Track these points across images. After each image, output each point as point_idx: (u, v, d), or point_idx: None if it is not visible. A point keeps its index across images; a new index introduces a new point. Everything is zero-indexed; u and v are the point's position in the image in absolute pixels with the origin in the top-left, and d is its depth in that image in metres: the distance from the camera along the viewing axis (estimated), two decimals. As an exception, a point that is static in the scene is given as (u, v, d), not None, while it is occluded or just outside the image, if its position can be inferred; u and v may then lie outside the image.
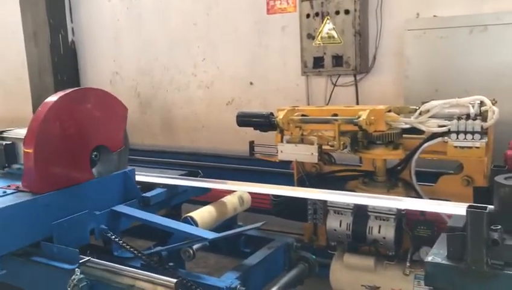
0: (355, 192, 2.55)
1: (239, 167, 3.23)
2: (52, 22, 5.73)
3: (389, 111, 2.62)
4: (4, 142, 2.42)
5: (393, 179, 2.65)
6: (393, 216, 2.39)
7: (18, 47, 5.96)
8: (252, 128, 2.95)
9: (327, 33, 3.95)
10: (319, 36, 3.98)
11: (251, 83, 4.78)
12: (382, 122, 2.51)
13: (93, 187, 2.30)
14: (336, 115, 2.62)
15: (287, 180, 2.94)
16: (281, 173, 3.14)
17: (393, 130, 2.56)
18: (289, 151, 2.69)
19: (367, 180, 2.69)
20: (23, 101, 6.06)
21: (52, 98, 2.21)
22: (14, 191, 2.16)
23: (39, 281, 2.06)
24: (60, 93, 2.24)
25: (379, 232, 2.41)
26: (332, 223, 2.53)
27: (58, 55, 5.81)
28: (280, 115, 2.69)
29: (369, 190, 2.57)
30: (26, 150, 2.14)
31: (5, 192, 2.15)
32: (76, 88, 2.31)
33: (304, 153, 2.63)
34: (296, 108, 2.81)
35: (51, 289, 2.03)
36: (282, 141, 2.72)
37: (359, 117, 2.44)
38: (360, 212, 2.47)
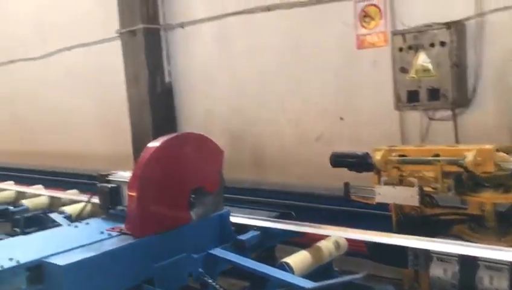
0: (461, 238, 2.37)
1: (333, 207, 3.14)
2: (151, 66, 6.09)
3: (497, 150, 2.43)
4: (110, 185, 2.55)
5: (506, 225, 2.43)
6: (508, 266, 2.17)
7: (121, 89, 6.39)
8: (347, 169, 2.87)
9: (422, 66, 3.80)
10: (413, 69, 3.84)
11: (341, 118, 4.71)
12: (490, 163, 2.33)
13: (191, 230, 2.35)
14: (437, 155, 2.47)
15: (385, 223, 2.82)
16: (378, 215, 3.01)
17: (504, 171, 2.36)
18: (387, 194, 2.59)
19: (474, 225, 2.49)
20: (125, 138, 6.44)
21: (154, 144, 2.31)
22: (118, 233, 2.26)
23: (141, 322, 2.11)
24: (161, 139, 2.34)
25: (491, 283, 2.20)
26: (436, 271, 2.36)
27: (155, 95, 6.15)
28: (377, 156, 2.60)
29: (477, 237, 2.38)
30: (130, 194, 2.24)
31: (110, 234, 2.26)
32: (176, 133, 2.41)
33: (404, 196, 2.51)
34: (394, 148, 2.70)
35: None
36: (379, 183, 2.62)
37: (465, 158, 2.28)
38: (468, 261, 2.27)
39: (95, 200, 2.75)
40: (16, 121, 8.75)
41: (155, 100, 6.09)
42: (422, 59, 3.74)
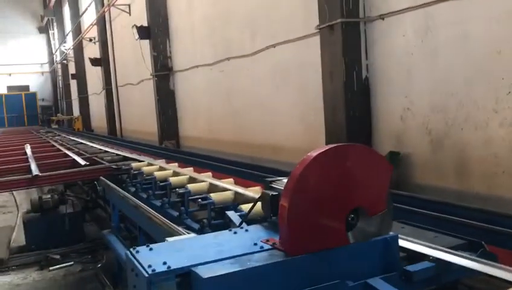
0: None
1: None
2: (348, 61, 5.88)
3: None
4: (271, 193, 2.45)
5: None
6: None
7: (318, 84, 6.35)
8: None
9: None
10: None
11: None
12: None
13: (347, 254, 2.09)
14: None
15: None
16: None
17: None
18: None
19: None
20: (321, 133, 6.39)
21: (312, 154, 2.11)
22: (270, 247, 2.14)
23: None
24: (320, 149, 2.13)
25: None
26: None
27: (351, 92, 5.91)
28: None
29: None
30: (282, 204, 2.09)
31: (262, 247, 2.15)
32: (339, 144, 2.16)
33: None
34: None
35: None
36: None
37: None
38: None
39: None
40: (231, 114, 9.56)
41: (350, 97, 5.85)
42: None
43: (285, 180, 2.51)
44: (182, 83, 12.05)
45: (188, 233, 2.98)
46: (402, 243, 2.25)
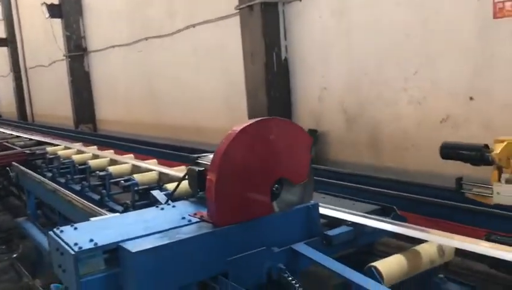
0: None
1: (444, 202, 2.74)
2: (268, 42, 5.98)
3: None
4: (197, 169, 2.49)
5: None
6: None
7: (239, 65, 6.41)
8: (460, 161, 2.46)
9: None
10: None
11: (471, 98, 4.15)
12: None
13: (272, 222, 2.19)
14: None
15: (509, 224, 2.38)
16: (499, 215, 2.55)
17: None
18: (510, 194, 2.15)
19: None
20: (243, 114, 6.48)
21: (237, 128, 2.17)
22: (198, 220, 2.19)
23: (215, 315, 2.03)
24: (245, 123, 2.19)
25: None
26: None
27: (271, 73, 6.04)
28: (497, 149, 2.17)
29: None
30: (209, 178, 2.14)
31: (190, 221, 2.19)
32: (261, 118, 2.23)
33: None
34: None
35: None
36: (499, 180, 2.19)
37: None
38: None
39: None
40: (151, 96, 9.37)
41: (270, 78, 5.98)
42: None
43: (210, 156, 2.55)
44: (97, 64, 11.59)
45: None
46: (322, 210, 2.39)
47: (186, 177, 2.61)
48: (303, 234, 2.25)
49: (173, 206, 2.45)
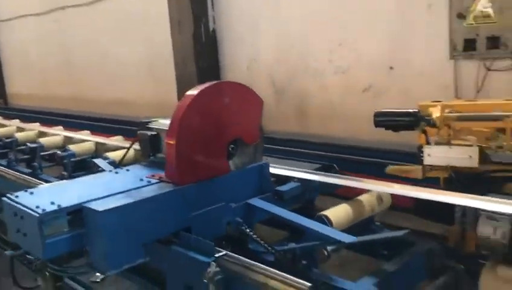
0: (515, 197, 2.22)
1: (376, 160, 3.03)
2: (195, 11, 5.97)
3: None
4: (149, 133, 2.55)
5: None
6: None
7: (167, 35, 6.32)
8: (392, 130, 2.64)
9: (481, 12, 3.51)
10: (472, 15, 3.56)
11: (391, 68, 4.49)
12: None
13: (229, 180, 2.33)
14: (494, 110, 2.29)
15: (433, 179, 2.70)
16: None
17: None
18: (440, 155, 2.38)
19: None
20: (171, 86, 6.45)
21: (193, 92, 2.26)
22: (157, 181, 2.27)
23: (178, 268, 2.14)
24: (200, 87, 2.28)
25: (545, 244, 2.07)
26: (485, 229, 2.22)
27: (200, 44, 6.06)
28: (436, 112, 2.37)
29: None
30: (168, 142, 2.22)
31: (149, 181, 2.27)
32: (215, 82, 2.34)
33: (460, 157, 2.32)
34: (445, 103, 2.50)
35: (188, 276, 2.09)
36: (428, 143, 2.42)
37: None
38: (521, 221, 2.14)
39: (137, 146, 2.76)
40: (69, 68, 8.95)
41: (199, 49, 6.01)
42: (483, 4, 3.45)
43: (161, 120, 2.62)
44: (6, 34, 10.80)
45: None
46: (271, 169, 2.56)
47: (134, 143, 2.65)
48: (257, 190, 2.42)
49: (127, 170, 2.50)
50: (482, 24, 3.52)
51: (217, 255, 1.93)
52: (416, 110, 2.51)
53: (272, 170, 2.55)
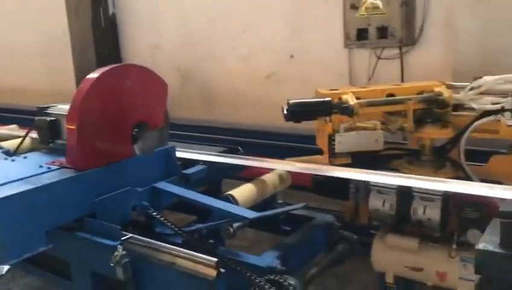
0: (400, 171, 2.46)
1: (278, 143, 3.17)
2: (93, -5, 5.74)
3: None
4: (48, 118, 2.45)
5: (441, 159, 2.54)
6: (440, 197, 2.29)
7: (62, 20, 6.02)
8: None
9: (372, 3, 3.78)
10: (363, 7, 3.82)
11: (291, 56, 4.67)
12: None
13: (134, 164, 2.31)
14: (391, 94, 2.50)
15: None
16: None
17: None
18: (350, 141, 2.47)
19: (412, 159, 2.59)
20: (68, 74, 6.15)
21: (94, 75, 2.21)
22: (58, 167, 2.20)
23: (83, 255, 2.10)
24: (101, 70, 2.24)
25: (424, 213, 2.32)
26: (375, 202, 2.45)
27: (99, 29, 5.84)
28: (351, 100, 2.41)
29: (414, 170, 2.47)
30: (69, 127, 2.16)
31: (49, 168, 2.19)
32: (118, 64, 2.30)
33: (368, 141, 2.45)
34: (352, 90, 2.63)
35: (94, 263, 2.07)
36: (337, 131, 2.49)
37: (442, 94, 2.33)
38: (405, 193, 2.38)
39: (35, 135, 2.64)
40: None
41: (98, 35, 5.80)
42: (373, -4, 3.72)
43: (60, 106, 2.54)
44: None
45: None
46: (178, 153, 2.59)
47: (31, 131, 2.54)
48: (163, 174, 2.43)
49: (25, 157, 2.39)
50: (372, 15, 3.79)
51: (123, 238, 1.93)
52: (329, 99, 2.48)
53: (178, 154, 2.58)
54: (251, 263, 2.04)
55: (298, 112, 2.45)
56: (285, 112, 2.44)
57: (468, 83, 2.47)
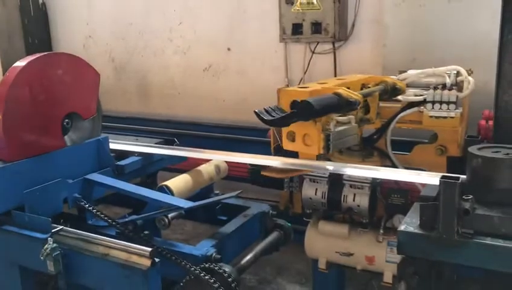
0: (331, 161, 2.55)
1: (215, 135, 3.19)
2: (21, -19, 5.49)
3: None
4: (-29, 109, 2.32)
5: (369, 148, 2.66)
6: (368, 185, 2.41)
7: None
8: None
9: (306, -1, 3.88)
10: (298, 2, 3.91)
11: (228, 49, 4.69)
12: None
13: (65, 155, 2.25)
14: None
15: (264, 149, 2.93)
16: (257, 141, 3.12)
17: (370, 98, 2.54)
18: (341, 138, 2.38)
19: (342, 149, 2.68)
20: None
21: (21, 63, 2.13)
22: (-17, 159, 2.10)
23: (12, 250, 2.03)
24: (30, 58, 2.16)
25: (354, 200, 2.43)
26: (308, 191, 2.54)
27: (28, 18, 5.60)
28: (352, 94, 2.38)
29: (344, 159, 2.57)
30: (-6, 117, 2.06)
31: (-27, 160, 2.09)
32: (47, 52, 2.22)
33: (351, 137, 2.34)
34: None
35: (24, 257, 2.00)
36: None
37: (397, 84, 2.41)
38: (336, 181, 2.48)
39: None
40: None
41: (27, 24, 5.55)
42: (307, -9, 3.82)
43: (-15, 95, 2.41)
44: None
45: None
46: (112, 145, 2.54)
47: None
48: (96, 165, 2.38)
49: None
50: (307, 10, 3.89)
51: (53, 230, 1.88)
52: (307, 101, 2.01)
53: (112, 146, 2.53)
54: (187, 252, 2.06)
55: (312, 110, 1.94)
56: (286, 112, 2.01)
57: (395, 77, 2.60)
